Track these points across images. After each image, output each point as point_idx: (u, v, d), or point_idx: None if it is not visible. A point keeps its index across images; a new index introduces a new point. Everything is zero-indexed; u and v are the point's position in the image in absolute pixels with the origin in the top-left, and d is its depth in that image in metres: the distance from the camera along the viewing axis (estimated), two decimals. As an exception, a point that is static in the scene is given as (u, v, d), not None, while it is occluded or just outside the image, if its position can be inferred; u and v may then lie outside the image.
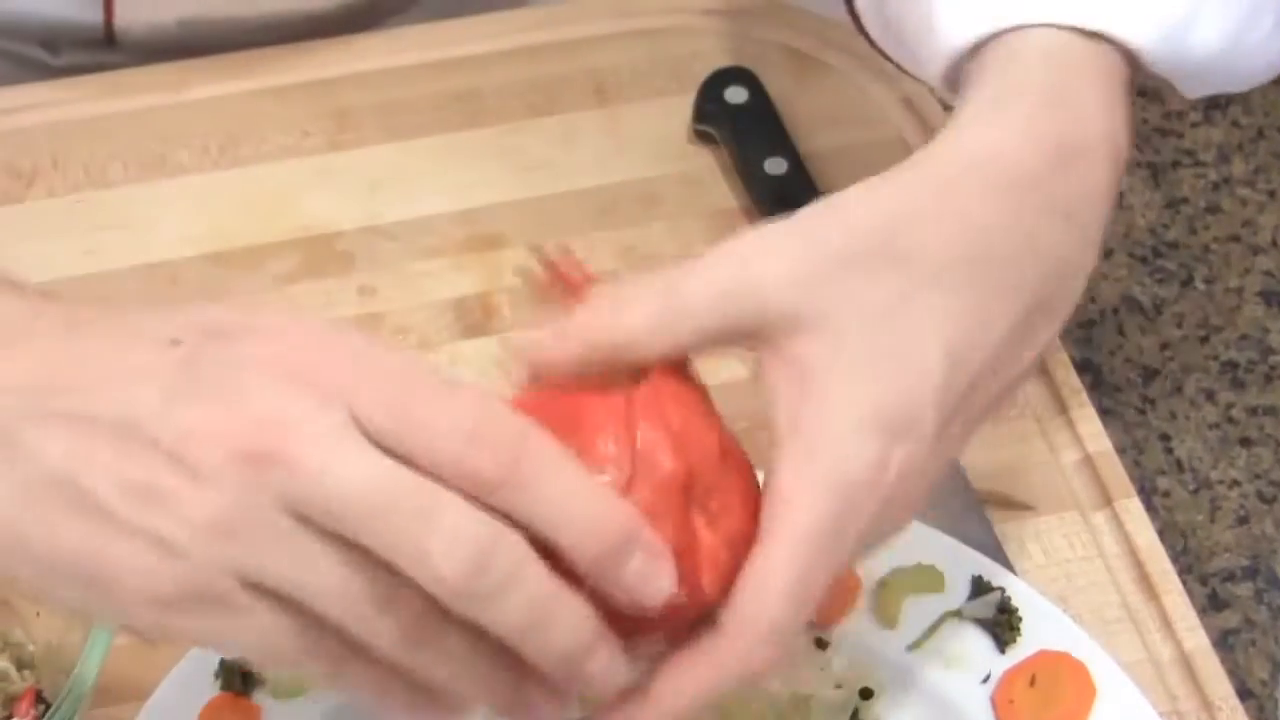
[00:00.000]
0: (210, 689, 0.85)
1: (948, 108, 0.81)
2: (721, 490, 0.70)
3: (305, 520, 0.63)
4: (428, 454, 0.63)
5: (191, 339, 0.65)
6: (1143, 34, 0.79)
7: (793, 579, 0.69)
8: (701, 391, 0.72)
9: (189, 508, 0.63)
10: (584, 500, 0.64)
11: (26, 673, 0.86)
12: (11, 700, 0.85)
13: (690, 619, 0.70)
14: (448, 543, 0.62)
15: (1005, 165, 0.74)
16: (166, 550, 0.63)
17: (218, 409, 0.63)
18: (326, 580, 0.63)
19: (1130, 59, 0.80)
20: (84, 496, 0.64)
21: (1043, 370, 1.03)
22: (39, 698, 0.85)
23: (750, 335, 0.72)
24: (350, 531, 0.63)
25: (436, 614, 0.64)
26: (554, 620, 0.64)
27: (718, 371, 0.75)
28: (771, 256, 0.72)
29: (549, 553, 0.64)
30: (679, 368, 0.72)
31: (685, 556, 0.68)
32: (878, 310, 0.71)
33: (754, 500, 0.71)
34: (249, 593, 0.63)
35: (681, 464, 0.69)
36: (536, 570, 0.64)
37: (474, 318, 1.04)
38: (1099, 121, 0.76)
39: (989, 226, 0.73)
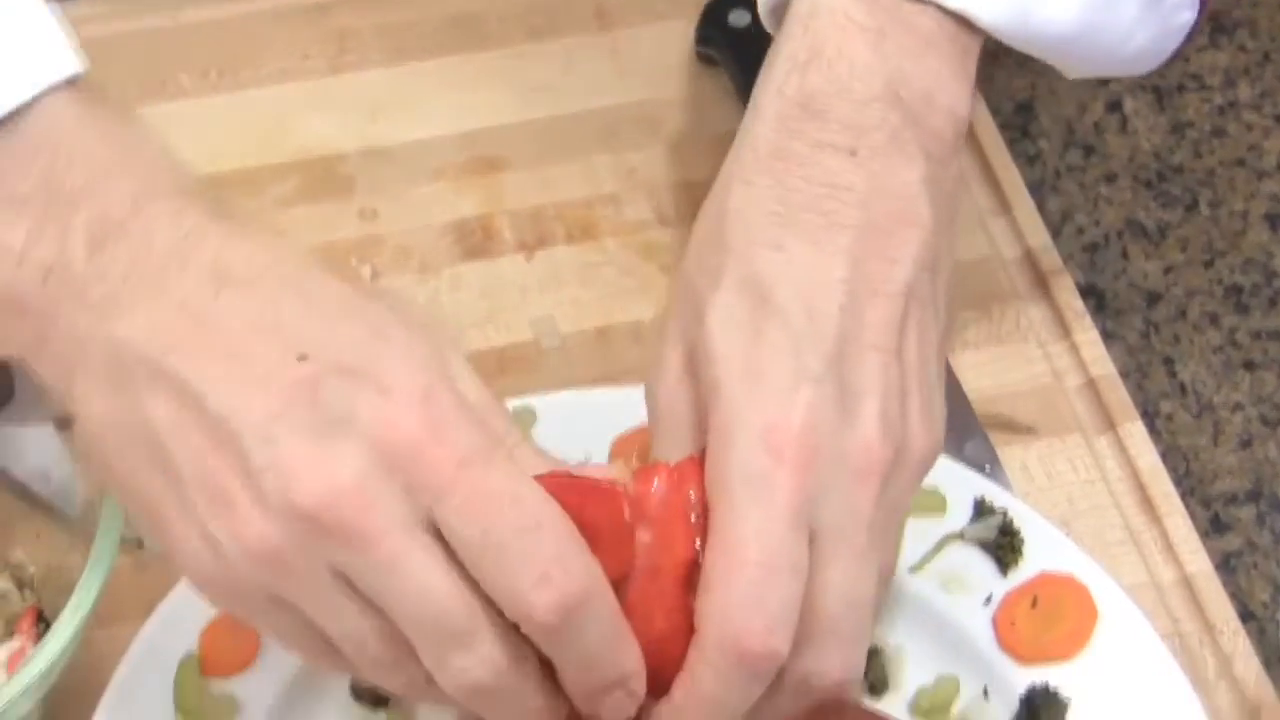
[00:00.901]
0: (211, 608, 0.85)
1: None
2: (649, 595, 0.72)
3: (346, 580, 0.66)
4: (494, 582, 0.66)
5: (318, 363, 0.66)
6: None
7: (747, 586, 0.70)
8: None
9: (246, 530, 0.65)
10: (607, 653, 0.69)
11: (27, 592, 0.86)
12: (12, 620, 0.85)
13: None
14: (471, 668, 0.67)
15: (759, 135, 0.78)
16: (215, 551, 0.66)
17: (310, 454, 0.65)
18: (349, 631, 0.67)
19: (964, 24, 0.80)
20: (168, 462, 0.66)
21: (1045, 293, 1.02)
22: (40, 617, 0.85)
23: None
24: (389, 616, 0.66)
25: (436, 688, 0.68)
26: None
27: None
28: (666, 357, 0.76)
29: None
30: None
31: (672, 640, 0.71)
32: (732, 314, 0.74)
33: None
34: (279, 606, 0.67)
35: (684, 552, 0.72)
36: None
37: (475, 240, 1.03)
38: (847, 65, 0.78)
39: (779, 184, 0.76)
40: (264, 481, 0.65)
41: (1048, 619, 0.87)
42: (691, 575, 0.72)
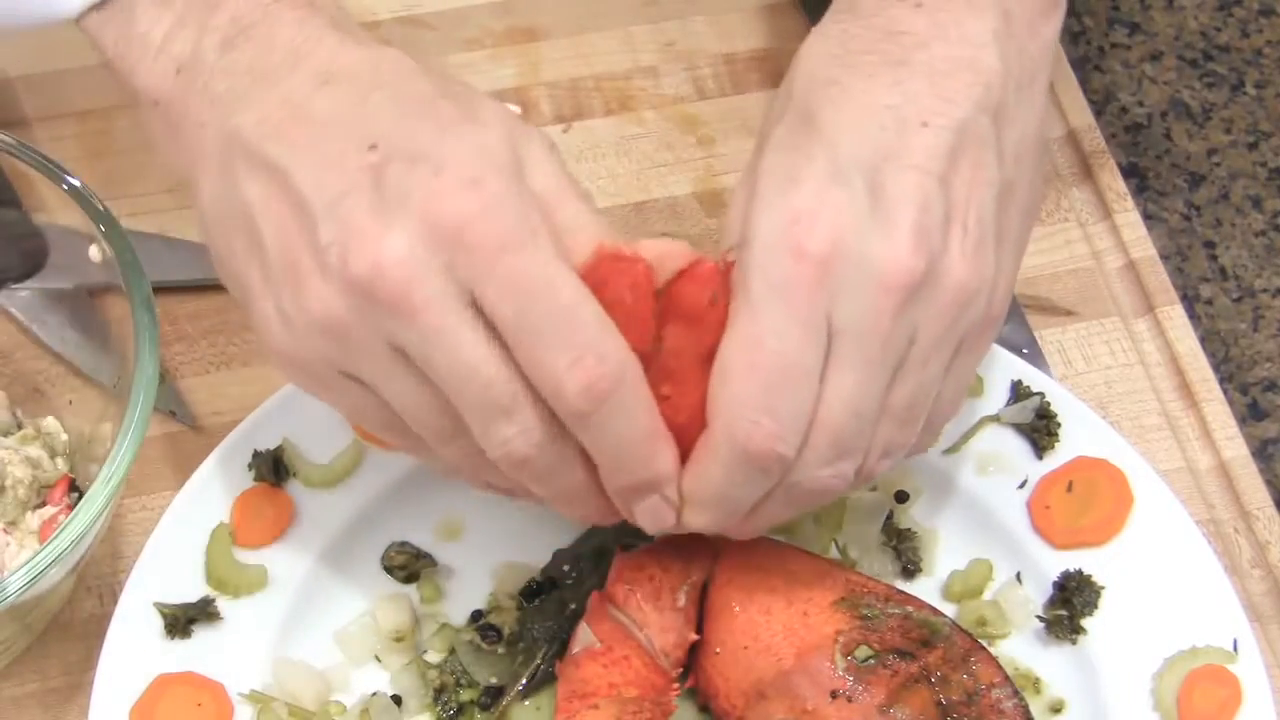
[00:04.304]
0: (244, 480, 0.85)
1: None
2: (678, 384, 0.74)
3: (401, 351, 0.71)
4: (530, 361, 0.70)
5: (386, 151, 0.71)
6: None
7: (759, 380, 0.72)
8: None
9: (310, 299, 0.71)
10: (638, 447, 0.72)
11: (59, 460, 0.86)
12: (44, 489, 0.85)
13: None
14: (514, 436, 0.72)
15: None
16: (285, 321, 0.72)
17: (368, 229, 0.70)
18: (407, 403, 0.72)
19: None
20: (256, 237, 0.73)
21: (1087, 174, 1.01)
22: (72, 486, 0.85)
23: None
24: (440, 387, 0.71)
25: (491, 466, 0.73)
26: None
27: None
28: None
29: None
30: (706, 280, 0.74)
31: (690, 428, 0.74)
32: (781, 138, 0.75)
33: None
34: (347, 381, 0.73)
35: (707, 344, 0.73)
36: (563, 477, 0.74)
37: (512, 111, 1.03)
38: None
39: (843, 33, 0.78)
40: (328, 255, 0.70)
41: (1083, 503, 0.87)
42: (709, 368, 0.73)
